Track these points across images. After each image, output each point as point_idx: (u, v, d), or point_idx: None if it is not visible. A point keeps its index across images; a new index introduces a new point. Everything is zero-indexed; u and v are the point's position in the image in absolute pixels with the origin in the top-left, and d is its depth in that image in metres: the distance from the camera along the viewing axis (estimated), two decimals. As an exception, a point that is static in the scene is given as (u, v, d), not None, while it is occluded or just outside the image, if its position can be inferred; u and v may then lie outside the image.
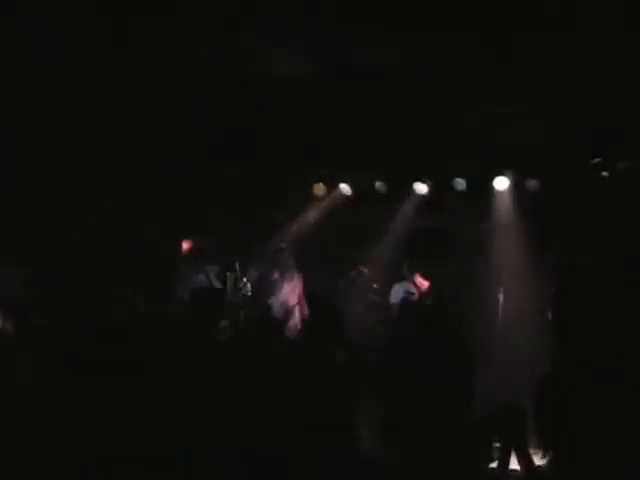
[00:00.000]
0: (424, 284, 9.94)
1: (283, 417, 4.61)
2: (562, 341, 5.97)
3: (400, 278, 10.12)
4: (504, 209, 10.57)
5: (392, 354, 5.17)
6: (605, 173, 9.28)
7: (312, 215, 11.48)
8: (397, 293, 9.88)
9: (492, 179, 10.36)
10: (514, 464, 4.65)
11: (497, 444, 4.89)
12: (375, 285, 10.51)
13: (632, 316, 6.41)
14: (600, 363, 4.19)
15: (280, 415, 4.63)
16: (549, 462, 3.37)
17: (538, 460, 3.72)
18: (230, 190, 11.41)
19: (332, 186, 11.29)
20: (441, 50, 6.12)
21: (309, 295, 6.67)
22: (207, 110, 7.86)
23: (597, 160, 9.25)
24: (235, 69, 6.74)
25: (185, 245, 10.76)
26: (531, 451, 3.93)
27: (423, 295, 9.76)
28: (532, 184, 9.99)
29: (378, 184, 10.97)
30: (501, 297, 9.78)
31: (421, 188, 10.86)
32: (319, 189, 11.37)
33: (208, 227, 11.20)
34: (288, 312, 9.33)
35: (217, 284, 9.59)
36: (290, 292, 9.61)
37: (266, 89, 7.15)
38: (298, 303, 9.42)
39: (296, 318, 9.32)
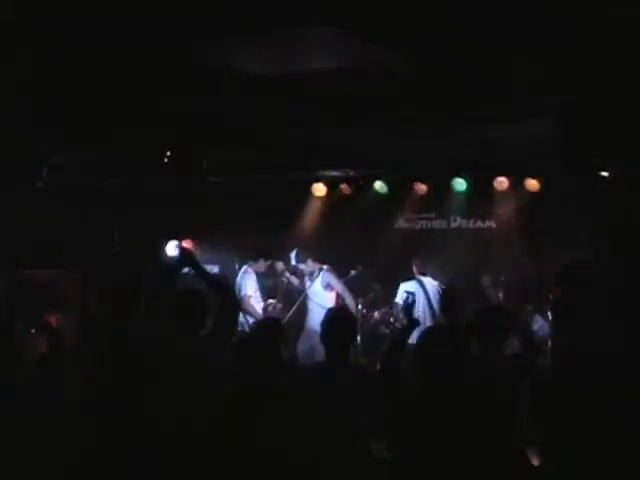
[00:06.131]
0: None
1: None
2: (561, 340, 5.99)
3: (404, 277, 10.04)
4: (504, 209, 10.59)
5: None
6: (605, 173, 9.30)
7: (312, 215, 11.52)
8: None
9: (492, 179, 10.37)
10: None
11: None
12: (375, 285, 10.52)
13: (633, 316, 6.41)
14: (600, 363, 4.19)
15: None
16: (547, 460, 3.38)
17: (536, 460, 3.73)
18: (229, 191, 11.47)
19: (332, 186, 11.32)
20: (441, 51, 6.12)
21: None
22: (205, 109, 7.88)
23: (597, 160, 9.26)
24: (232, 68, 6.74)
25: (186, 244, 10.80)
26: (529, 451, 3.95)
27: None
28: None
29: (378, 184, 10.99)
30: (501, 297, 9.78)
31: (421, 188, 10.87)
32: (319, 189, 11.39)
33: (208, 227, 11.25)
34: None
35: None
36: None
37: (265, 88, 7.15)
38: None
39: None
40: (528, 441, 4.05)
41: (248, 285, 9.92)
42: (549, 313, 8.88)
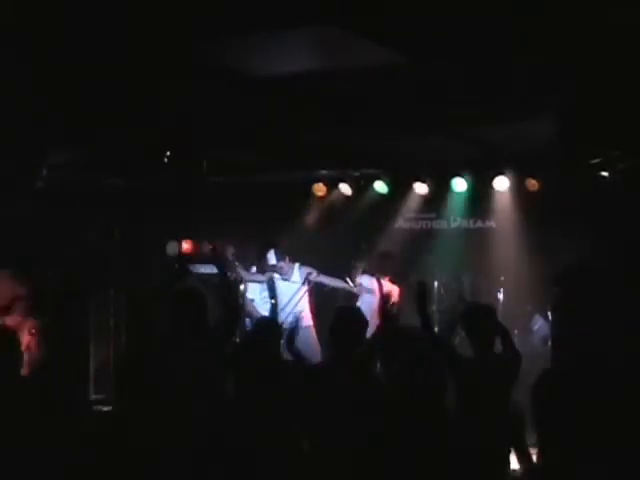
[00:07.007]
0: (393, 290, 9.64)
1: None
2: (562, 340, 6.00)
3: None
4: (504, 209, 10.58)
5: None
6: (605, 173, 9.29)
7: (312, 215, 11.50)
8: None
9: (492, 179, 10.37)
10: (514, 464, 4.65)
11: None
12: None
13: (633, 316, 6.40)
14: (600, 363, 4.19)
15: None
16: (547, 461, 3.39)
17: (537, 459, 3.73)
18: (229, 191, 11.46)
19: (332, 186, 11.31)
20: (441, 50, 6.13)
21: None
22: (205, 109, 7.89)
23: (597, 160, 9.25)
24: (232, 68, 6.75)
25: (185, 245, 10.80)
26: (530, 450, 3.95)
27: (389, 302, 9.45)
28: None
29: (378, 184, 10.99)
30: (501, 297, 9.79)
31: (421, 188, 10.86)
32: (319, 189, 11.38)
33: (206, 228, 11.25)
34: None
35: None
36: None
37: (265, 88, 7.16)
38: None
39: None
40: (529, 441, 4.07)
41: (251, 288, 9.85)
42: (549, 313, 8.89)
